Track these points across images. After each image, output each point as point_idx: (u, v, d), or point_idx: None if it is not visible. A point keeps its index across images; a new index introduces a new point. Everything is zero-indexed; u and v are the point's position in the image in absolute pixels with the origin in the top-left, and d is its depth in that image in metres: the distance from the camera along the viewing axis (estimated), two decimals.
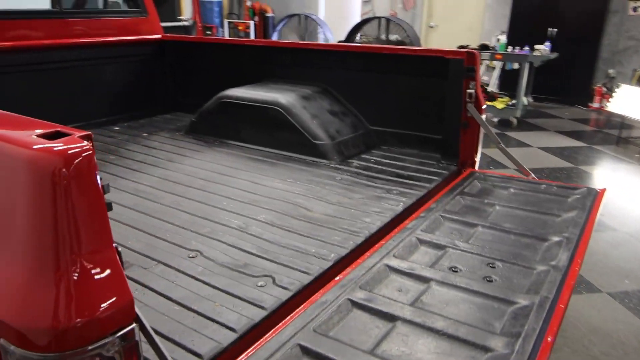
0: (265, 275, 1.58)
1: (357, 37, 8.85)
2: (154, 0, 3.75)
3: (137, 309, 0.90)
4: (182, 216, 2.01)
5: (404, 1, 10.42)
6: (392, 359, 1.23)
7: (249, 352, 1.23)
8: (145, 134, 3.26)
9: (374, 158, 2.81)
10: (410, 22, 10.02)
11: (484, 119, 2.58)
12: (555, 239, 1.83)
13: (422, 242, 1.83)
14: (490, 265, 1.68)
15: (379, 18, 8.54)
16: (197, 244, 1.78)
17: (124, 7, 3.72)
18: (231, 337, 1.29)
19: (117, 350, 0.87)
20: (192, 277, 1.57)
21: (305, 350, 1.25)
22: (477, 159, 2.70)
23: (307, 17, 10.26)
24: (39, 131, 0.87)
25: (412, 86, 2.84)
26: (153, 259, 1.67)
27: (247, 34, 11.70)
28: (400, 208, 2.12)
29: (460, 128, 2.63)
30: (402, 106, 2.91)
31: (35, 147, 0.81)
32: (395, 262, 1.66)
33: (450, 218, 2.03)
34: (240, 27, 11.72)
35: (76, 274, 0.82)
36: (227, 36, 11.67)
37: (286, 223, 1.96)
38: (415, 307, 1.44)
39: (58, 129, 0.89)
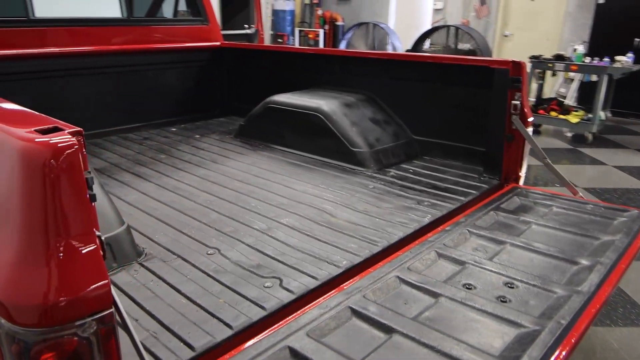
0: (274, 277, 1.62)
1: (426, 46, 8.72)
2: (232, 10, 3.95)
3: (115, 295, 0.96)
4: (211, 215, 2.10)
5: (477, 9, 10.12)
6: None
7: (239, 349, 1.26)
8: (197, 136, 3.43)
9: (413, 168, 2.76)
10: (483, 31, 9.71)
11: (530, 132, 2.46)
12: (587, 262, 1.70)
13: (441, 256, 1.78)
14: (509, 285, 1.60)
15: (448, 26, 8.36)
16: (218, 242, 1.85)
17: (188, 16, 3.94)
18: (226, 333, 1.33)
19: (94, 332, 0.94)
20: (205, 273, 1.63)
21: (294, 352, 1.26)
22: (522, 173, 2.57)
23: (375, 25, 10.26)
24: (40, 127, 0.96)
25: (457, 96, 2.76)
26: (174, 253, 1.76)
27: (317, 42, 11.90)
28: (427, 220, 2.07)
29: (504, 141, 2.51)
30: (447, 116, 2.84)
31: (28, 140, 0.90)
32: (407, 274, 1.63)
33: (478, 233, 1.95)
34: (310, 36, 11.96)
35: (60, 257, 0.90)
36: (297, 44, 11.94)
37: (308, 227, 1.99)
38: (417, 321, 1.40)
39: (57, 125, 0.97)
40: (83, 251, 0.91)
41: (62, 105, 3.15)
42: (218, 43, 3.89)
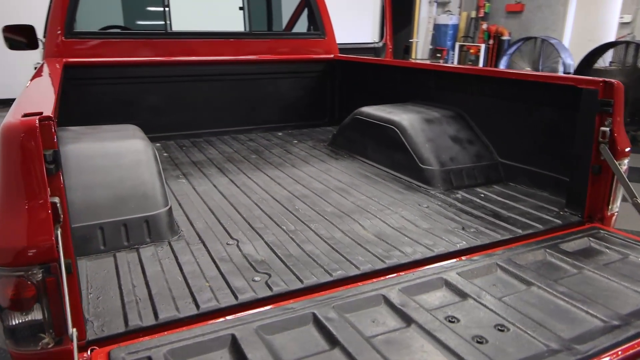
0: (266, 274, 1.71)
1: (603, 63, 7.70)
2: (395, 26, 4.17)
3: (60, 253, 1.18)
4: (255, 211, 2.27)
5: None
6: None
7: (188, 327, 1.39)
8: (295, 141, 3.67)
9: (486, 193, 2.55)
10: None
11: (624, 166, 2.09)
12: (615, 322, 1.42)
13: (447, 283, 1.66)
14: (500, 327, 1.42)
15: (627, 43, 7.26)
16: (242, 235, 2.01)
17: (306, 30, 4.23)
18: (190, 312, 1.48)
19: (40, 279, 1.17)
20: (212, 258, 1.80)
21: (234, 341, 1.34)
22: (611, 212, 2.19)
23: (544, 40, 9.41)
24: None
25: (546, 117, 2.47)
26: (200, 238, 1.97)
27: (477, 58, 11.40)
28: (458, 247, 1.92)
29: (590, 173, 2.18)
30: (534, 140, 2.56)
31: (8, 120, 1.17)
32: (395, 295, 1.57)
33: (507, 269, 1.75)
34: (471, 51, 11.52)
35: (22, 213, 1.15)
36: (456, 59, 11.60)
37: (330, 235, 2.02)
38: (369, 342, 1.35)
39: (41, 113, 1.23)
40: (32, 211, 1.15)
41: (187, 106, 3.68)
42: (331, 55, 4.08)
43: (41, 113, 1.21)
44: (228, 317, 1.46)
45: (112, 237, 1.86)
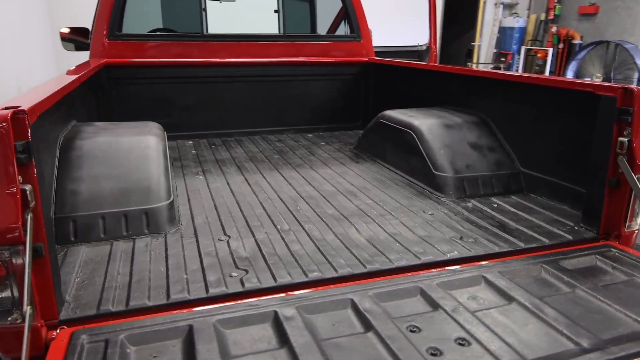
0: (244, 270, 1.74)
1: None
2: (456, 30, 4.13)
3: (28, 237, 1.28)
4: (257, 210, 2.31)
5: None
6: None
7: (152, 315, 1.46)
8: (322, 143, 3.69)
9: (501, 203, 2.44)
10: None
11: (639, 180, 1.92)
12: (590, 347, 1.31)
13: (422, 292, 1.61)
14: (460, 340, 1.37)
15: None
16: (235, 232, 2.06)
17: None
18: (160, 301, 1.54)
19: (7, 259, 1.28)
20: (199, 252, 1.87)
21: (189, 332, 1.39)
22: (630, 229, 2.02)
23: (618, 45, 8.77)
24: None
25: (567, 126, 2.32)
26: (195, 233, 2.05)
27: (545, 62, 10.84)
28: (447, 256, 1.86)
29: (606, 186, 2.02)
30: (556, 149, 2.41)
31: None
32: (364, 300, 1.55)
33: (493, 283, 1.67)
34: (538, 55, 10.98)
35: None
36: (521, 64, 11.09)
37: (322, 237, 2.02)
38: (318, 344, 1.35)
39: (17, 106, 1.33)
40: (8, 199, 1.25)
41: (220, 106, 3.82)
42: (365, 58, 4.06)
43: (18, 107, 1.32)
44: (194, 309, 1.51)
45: (113, 227, 1.98)
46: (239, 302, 1.54)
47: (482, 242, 1.99)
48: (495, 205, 2.41)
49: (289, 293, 1.59)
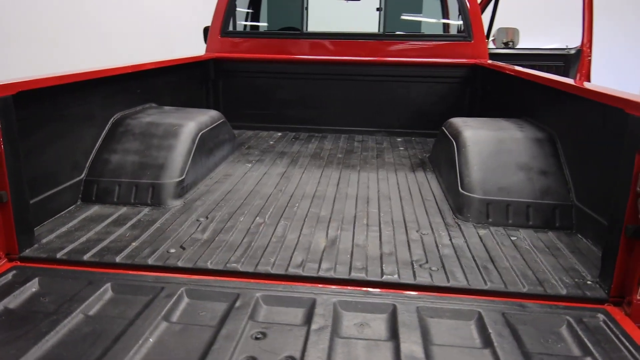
0: (183, 248, 1.86)
1: None
2: None
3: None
4: (257, 201, 2.35)
5: None
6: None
7: (84, 269, 1.71)
8: (402, 148, 3.51)
9: (524, 237, 2.02)
10: None
11: None
12: None
13: (320, 305, 1.51)
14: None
15: None
16: (218, 216, 2.18)
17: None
18: (106, 260, 1.76)
19: None
20: (172, 227, 2.05)
21: (96, 284, 1.59)
22: None
23: None
24: None
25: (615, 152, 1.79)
26: (187, 211, 2.24)
27: None
28: (400, 280, 1.67)
29: (622, 235, 1.53)
30: (608, 183, 1.88)
31: None
32: (259, 300, 1.54)
33: (422, 316, 1.47)
34: None
35: None
36: None
37: (294, 236, 1.99)
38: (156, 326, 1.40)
39: None
40: None
41: (314, 102, 3.95)
42: (473, 61, 3.68)
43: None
44: (118, 272, 1.70)
45: (125, 194, 2.31)
46: (147, 274, 1.68)
47: (454, 273, 1.71)
48: (514, 239, 2.01)
49: (199, 277, 1.66)
